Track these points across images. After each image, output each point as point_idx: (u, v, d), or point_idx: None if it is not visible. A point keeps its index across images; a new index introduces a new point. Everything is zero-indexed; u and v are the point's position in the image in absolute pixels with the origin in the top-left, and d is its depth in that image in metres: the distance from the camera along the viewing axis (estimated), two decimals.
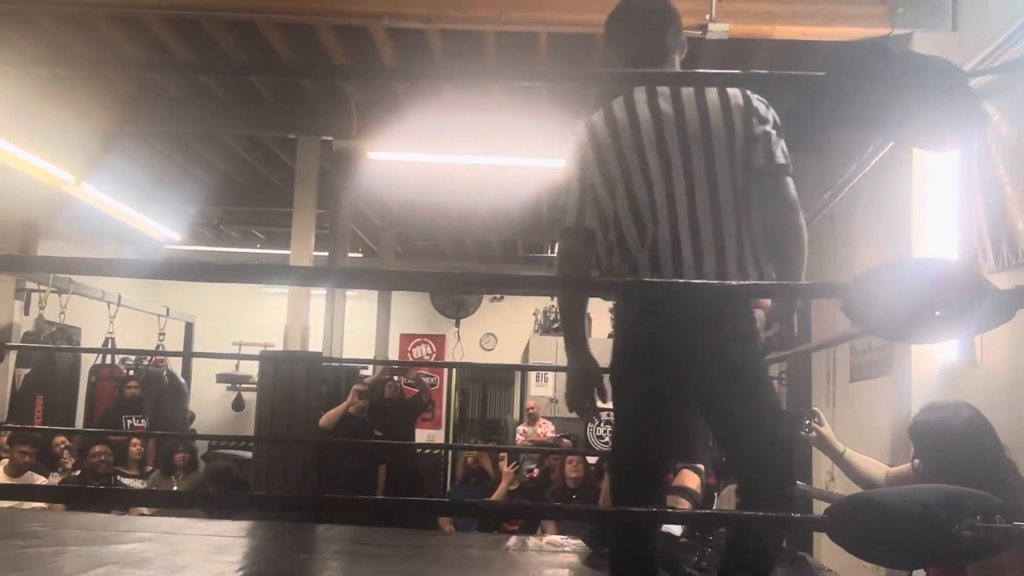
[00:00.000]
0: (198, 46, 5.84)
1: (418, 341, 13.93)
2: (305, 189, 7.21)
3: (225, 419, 13.00)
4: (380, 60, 5.84)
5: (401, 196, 9.66)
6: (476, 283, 5.79)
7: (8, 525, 4.71)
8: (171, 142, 8.38)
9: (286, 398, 6.59)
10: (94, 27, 5.58)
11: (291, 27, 5.64)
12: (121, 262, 8.24)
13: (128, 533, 4.58)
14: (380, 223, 10.88)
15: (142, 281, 11.69)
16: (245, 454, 9.33)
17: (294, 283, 7.07)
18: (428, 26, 5.17)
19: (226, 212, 11.10)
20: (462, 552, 4.23)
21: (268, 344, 11.02)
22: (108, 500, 6.38)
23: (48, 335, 9.02)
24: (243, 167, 9.17)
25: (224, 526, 5.35)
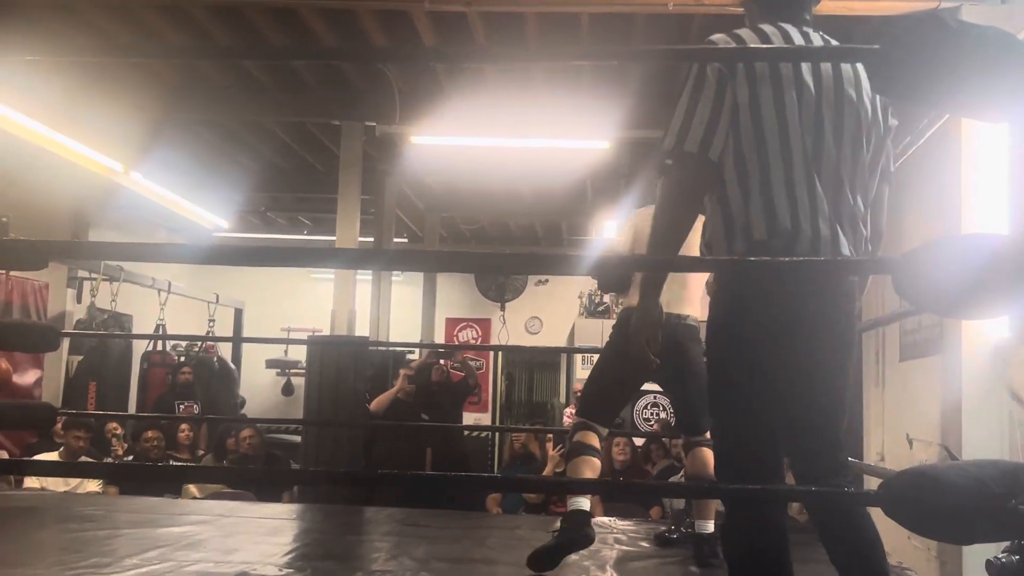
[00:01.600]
0: (241, 34, 5.88)
1: (464, 325, 13.96)
2: (349, 175, 7.25)
3: (275, 404, 13.15)
4: (422, 45, 5.84)
5: (444, 180, 9.68)
6: (521, 264, 5.78)
7: (64, 509, 4.80)
8: (218, 130, 8.45)
9: (333, 382, 6.64)
10: (139, 17, 5.64)
11: (333, 13, 5.65)
12: (172, 247, 8.38)
13: (181, 516, 4.65)
14: (424, 208, 10.91)
15: (192, 268, 11.83)
16: (295, 438, 9.42)
17: (341, 266, 7.13)
18: (469, 9, 5.15)
19: (272, 199, 11.20)
20: (510, 533, 4.24)
21: (316, 329, 11.11)
22: (160, 480, 6.48)
23: (100, 322, 9.17)
24: (289, 154, 9.23)
25: (275, 509, 5.42)
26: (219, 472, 7.09)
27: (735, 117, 2.22)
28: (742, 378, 2.24)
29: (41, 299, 9.24)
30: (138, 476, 6.24)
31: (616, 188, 9.13)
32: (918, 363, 5.78)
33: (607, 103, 6.57)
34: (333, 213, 7.47)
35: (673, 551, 4.01)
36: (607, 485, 3.94)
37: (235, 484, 6.32)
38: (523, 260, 7.87)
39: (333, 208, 7.51)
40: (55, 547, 3.91)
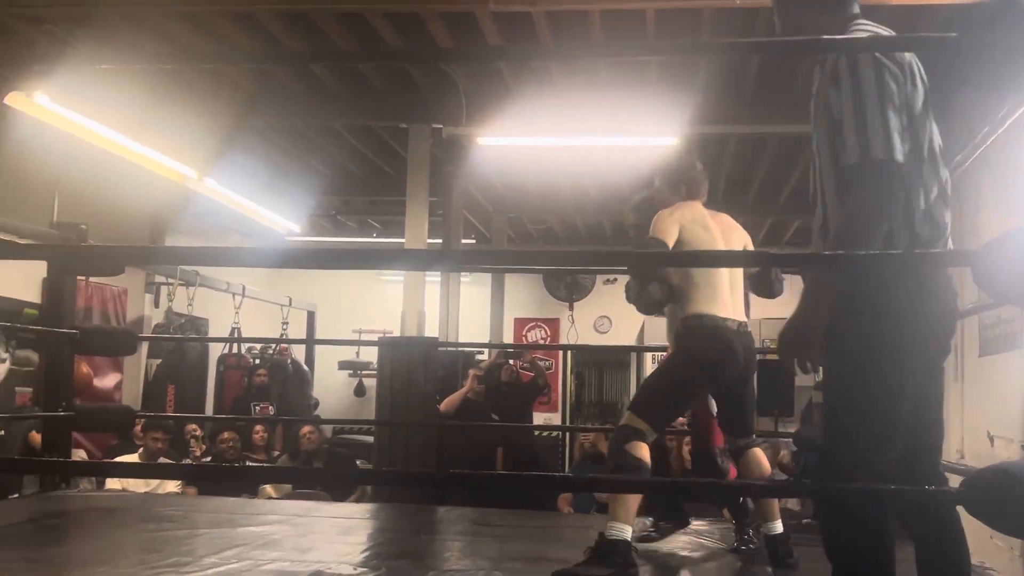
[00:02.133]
0: (310, 39, 5.95)
1: (532, 325, 13.97)
2: (417, 177, 7.30)
3: (348, 405, 13.30)
4: (487, 45, 5.86)
5: (511, 180, 9.69)
6: (588, 262, 5.76)
7: (144, 509, 4.91)
8: (289, 135, 8.58)
9: (404, 383, 6.69)
10: (211, 25, 5.74)
11: (399, 17, 5.70)
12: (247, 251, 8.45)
13: (258, 516, 4.73)
14: (491, 208, 10.94)
15: (265, 272, 12.05)
16: (367, 439, 9.53)
17: (410, 268, 7.17)
18: (534, 8, 5.16)
19: (343, 202, 11.33)
20: (582, 533, 4.23)
21: (386, 331, 11.21)
22: (238, 480, 6.60)
23: (177, 326, 9.38)
24: (358, 158, 9.33)
25: (349, 508, 5.49)
26: (290, 472, 7.20)
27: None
28: (879, 378, 2.18)
29: (120, 304, 9.48)
30: (213, 477, 6.37)
31: None
32: (998, 358, 5.64)
33: (674, 99, 6.53)
34: (402, 216, 7.53)
35: (747, 552, 3.96)
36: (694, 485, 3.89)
37: (304, 484, 6.42)
38: (591, 258, 7.84)
39: (402, 211, 7.57)
40: (136, 547, 4.01)
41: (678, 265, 3.76)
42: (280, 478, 6.78)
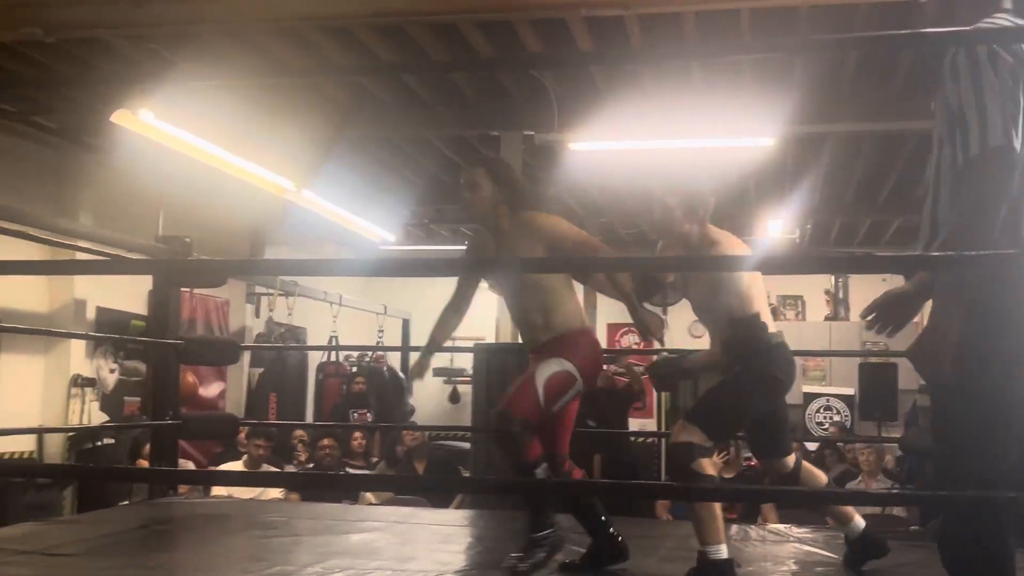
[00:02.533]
0: (404, 51, 6.02)
1: (625, 330, 13.87)
2: None
3: (443, 411, 13.39)
4: (578, 50, 5.84)
5: (603, 185, 9.65)
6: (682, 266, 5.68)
7: (249, 516, 5.01)
8: (383, 146, 8.69)
9: (500, 389, 6.68)
10: (308, 39, 5.85)
11: (491, 26, 5.72)
12: (344, 262, 8.61)
13: (359, 523, 4.79)
14: (583, 213, 10.91)
15: (361, 280, 12.20)
16: (463, 445, 9.58)
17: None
18: (626, 12, 5.12)
19: (436, 211, 11.42)
20: (682, 542, 4.18)
21: (480, 338, 11.26)
22: (338, 488, 6.70)
23: (278, 336, 9.58)
24: (450, 166, 9.40)
25: (448, 515, 5.52)
26: (390, 480, 7.27)
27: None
28: (1009, 385, 2.13)
29: (222, 315, 9.73)
30: (315, 484, 6.48)
31: (781, 186, 8.91)
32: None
33: (771, 99, 6.42)
34: None
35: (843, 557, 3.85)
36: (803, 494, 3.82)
37: (406, 491, 6.47)
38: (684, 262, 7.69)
39: None
40: (242, 554, 4.09)
41: (766, 271, 3.68)
42: (380, 486, 6.85)
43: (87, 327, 7.84)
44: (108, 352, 8.20)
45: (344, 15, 5.08)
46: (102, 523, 4.55)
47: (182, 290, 5.93)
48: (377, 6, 4.90)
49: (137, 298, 8.07)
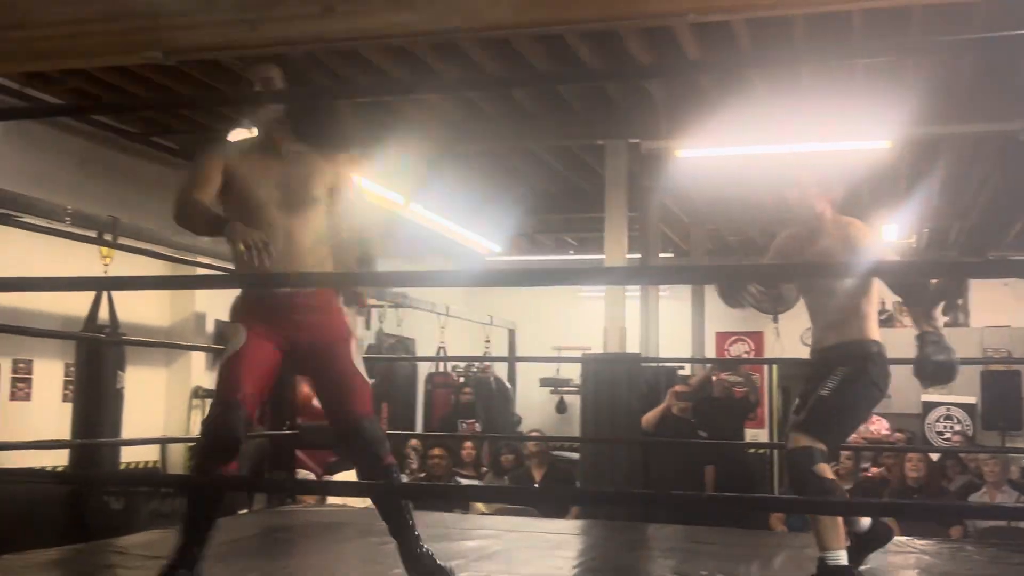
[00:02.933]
0: (510, 63, 6.07)
1: (735, 339, 13.68)
2: (615, 193, 7.31)
3: (550, 422, 13.40)
4: (685, 58, 5.81)
5: (710, 192, 9.55)
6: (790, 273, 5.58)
7: (365, 523, 5.10)
8: (488, 158, 8.77)
9: (608, 399, 6.68)
10: (416, 56, 5.95)
11: (597, 35, 5.73)
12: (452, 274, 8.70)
13: (471, 531, 4.83)
14: (690, 221, 10.81)
15: (467, 292, 12.34)
16: (571, 455, 9.58)
17: (605, 283, 7.19)
18: (734, 17, 5.07)
19: (541, 221, 11.46)
20: (799, 552, 4.10)
21: (586, 347, 11.25)
22: (450, 497, 6.77)
23: (388, 347, 9.73)
24: (555, 177, 9.44)
25: (558, 524, 5.52)
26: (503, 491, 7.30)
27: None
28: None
29: None
30: (425, 494, 6.55)
31: (896, 189, 8.68)
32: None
33: (885, 101, 6.25)
34: (599, 232, 7.55)
35: (975, 569, 3.73)
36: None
37: (520, 500, 6.50)
38: (793, 269, 7.56)
39: (599, 227, 7.58)
40: (359, 560, 4.17)
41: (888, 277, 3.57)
42: (491, 496, 6.90)
43: (207, 340, 8.10)
44: None
45: (452, 30, 5.14)
46: (223, 530, 4.68)
47: None
48: (484, 21, 4.95)
49: None
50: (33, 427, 6.17)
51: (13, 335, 5.83)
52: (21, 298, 6.21)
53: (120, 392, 5.96)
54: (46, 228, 5.34)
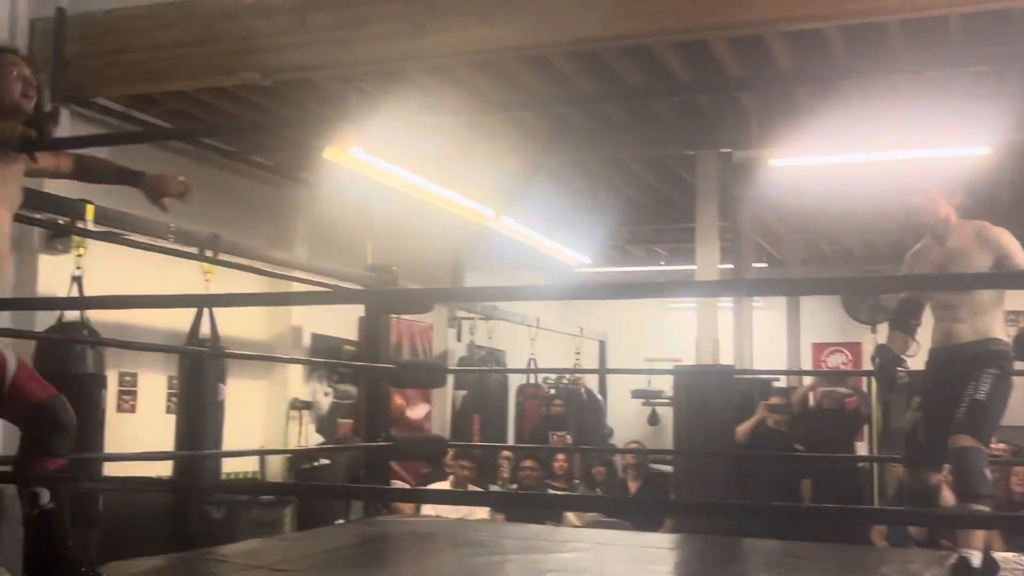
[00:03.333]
0: (600, 76, 6.08)
1: (832, 350, 13.41)
2: (706, 203, 7.25)
3: (642, 434, 13.30)
4: (776, 66, 5.74)
5: (805, 201, 9.39)
6: (887, 284, 5.46)
7: (458, 534, 5.14)
8: (577, 170, 8.78)
9: (701, 411, 6.61)
10: (504, 70, 5.99)
11: (686, 45, 5.70)
12: (541, 287, 8.74)
13: (564, 543, 4.83)
14: (784, 231, 10.65)
15: (557, 303, 12.35)
16: (664, 468, 9.50)
17: (696, 295, 7.13)
18: (826, 24, 4.99)
19: (631, 233, 11.42)
20: (902, 568, 4.00)
21: (678, 359, 11.15)
22: (541, 509, 6.78)
23: (479, 358, 9.80)
24: (645, 188, 9.39)
25: (651, 538, 5.48)
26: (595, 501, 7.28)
27: None
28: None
29: (427, 339, 10.05)
30: (520, 505, 6.58)
31: (998, 196, 8.41)
32: None
33: (986, 105, 6.07)
34: (690, 243, 7.50)
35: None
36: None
37: (614, 512, 6.47)
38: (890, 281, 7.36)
39: (690, 238, 7.53)
40: (453, 570, 4.20)
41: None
42: (584, 507, 6.89)
43: (303, 353, 8.27)
44: (323, 376, 8.63)
45: (540, 45, 5.18)
46: (321, 540, 4.78)
47: (390, 316, 6.17)
48: (573, 33, 4.97)
49: (349, 324, 8.45)
50: (138, 438, 6.37)
51: (120, 349, 6.04)
52: (127, 313, 6.43)
53: (221, 404, 6.10)
54: (151, 246, 5.53)
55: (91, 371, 5.23)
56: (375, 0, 5.26)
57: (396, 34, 5.20)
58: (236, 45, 5.56)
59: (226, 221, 7.25)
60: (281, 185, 8.21)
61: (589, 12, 4.90)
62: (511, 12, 5.02)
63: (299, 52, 5.47)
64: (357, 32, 5.30)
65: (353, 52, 5.35)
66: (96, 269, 5.23)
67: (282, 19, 5.44)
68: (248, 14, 5.51)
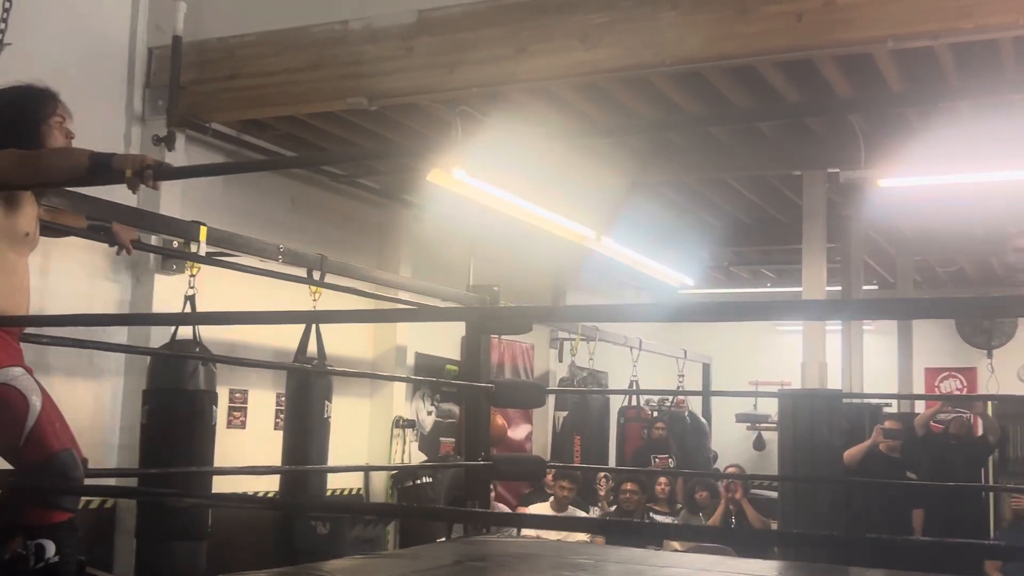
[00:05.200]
0: (702, 95, 6.03)
1: (945, 375, 12.98)
2: (813, 224, 7.11)
3: (747, 458, 13.05)
4: (886, 84, 5.61)
5: (916, 222, 9.16)
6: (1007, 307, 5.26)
7: (557, 556, 5.12)
8: (680, 190, 8.72)
9: (808, 437, 6.48)
10: (607, 92, 6.00)
11: (791, 64, 5.62)
12: (643, 307, 8.70)
13: (664, 568, 4.76)
14: (895, 252, 10.38)
15: (660, 325, 12.25)
16: (770, 494, 9.32)
17: (804, 318, 7.00)
18: (937, 42, 4.86)
19: (735, 253, 11.28)
20: None
21: (784, 382, 10.94)
22: (643, 535, 6.72)
23: (580, 380, 9.78)
24: (749, 208, 9.27)
25: (756, 565, 5.36)
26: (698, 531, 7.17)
27: None
28: None
29: (528, 359, 10.08)
30: (622, 532, 6.53)
31: None
32: None
33: None
34: (797, 264, 7.36)
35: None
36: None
37: (713, 540, 6.37)
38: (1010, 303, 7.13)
39: (796, 259, 7.39)
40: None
41: None
42: (688, 536, 6.80)
43: (407, 372, 8.39)
44: (426, 395, 8.73)
45: (642, 66, 5.17)
46: (423, 558, 4.82)
47: (492, 336, 6.21)
48: (674, 55, 4.96)
49: (451, 344, 8.53)
50: (248, 453, 6.54)
51: (231, 366, 6.22)
52: (238, 331, 6.62)
53: (327, 421, 6.23)
54: (261, 270, 5.70)
55: (203, 387, 5.40)
56: (479, 24, 5.34)
57: (499, 58, 5.26)
58: (344, 71, 5.71)
59: (333, 242, 7.43)
60: (386, 207, 8.36)
61: (691, 33, 4.88)
62: (613, 34, 5.04)
63: (405, 77, 5.58)
64: (462, 56, 5.39)
65: (457, 76, 5.43)
66: (208, 288, 5.42)
67: (389, 45, 5.57)
68: (356, 41, 5.66)
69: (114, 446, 5.90)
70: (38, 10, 5.46)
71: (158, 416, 5.29)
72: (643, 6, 5.02)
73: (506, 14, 5.31)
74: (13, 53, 5.16)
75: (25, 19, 5.32)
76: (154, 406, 5.33)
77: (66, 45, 5.69)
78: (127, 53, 6.19)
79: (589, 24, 5.09)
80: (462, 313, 6.11)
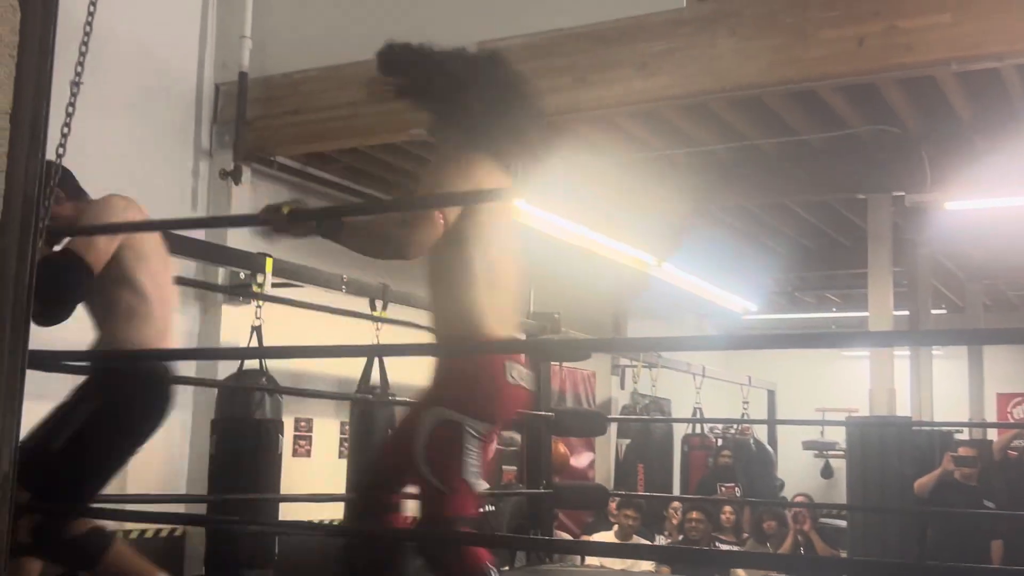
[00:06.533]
0: (761, 120, 6.01)
1: (1018, 400, 12.67)
2: (878, 248, 7.01)
3: (815, 486, 12.83)
4: (951, 107, 5.53)
5: (985, 245, 8.96)
6: None
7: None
8: (741, 215, 8.66)
9: (877, 465, 6.36)
10: (664, 118, 6.01)
11: (852, 87, 5.57)
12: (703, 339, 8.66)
13: None
14: (964, 276, 10.18)
15: (724, 352, 12.14)
16: (838, 523, 9.15)
17: (868, 346, 6.89)
18: (1002, 64, 4.79)
19: (799, 278, 11.16)
20: None
21: (852, 409, 10.75)
22: (708, 563, 6.64)
23: (643, 407, 9.72)
24: (813, 232, 9.17)
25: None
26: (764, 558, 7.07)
27: None
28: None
29: (589, 386, 10.05)
30: (687, 560, 6.46)
31: None
32: None
33: None
34: (862, 288, 7.26)
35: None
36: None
37: (779, 568, 6.27)
38: None
39: (862, 283, 7.28)
40: None
41: None
42: (747, 563, 6.71)
43: None
44: None
45: (701, 93, 5.17)
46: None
47: (552, 363, 6.22)
48: (734, 81, 4.95)
49: None
50: (312, 482, 6.60)
51: (296, 396, 6.30)
52: (303, 361, 6.70)
53: None
54: (321, 307, 5.78)
55: (270, 417, 5.48)
56: (538, 55, 5.37)
57: (559, 88, 5.29)
58: (405, 104, 5.79)
59: (396, 270, 7.49)
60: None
61: (750, 59, 4.87)
62: (671, 62, 5.05)
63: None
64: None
65: None
66: (275, 313, 5.51)
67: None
68: None
69: (183, 475, 6.00)
70: (109, 49, 5.62)
71: (226, 446, 5.37)
72: (702, 33, 5.02)
73: (565, 44, 5.35)
74: (85, 91, 5.32)
75: (97, 58, 5.47)
76: (222, 436, 5.41)
77: (136, 82, 5.86)
78: (195, 90, 6.35)
79: (648, 52, 5.11)
80: (522, 344, 6.12)
